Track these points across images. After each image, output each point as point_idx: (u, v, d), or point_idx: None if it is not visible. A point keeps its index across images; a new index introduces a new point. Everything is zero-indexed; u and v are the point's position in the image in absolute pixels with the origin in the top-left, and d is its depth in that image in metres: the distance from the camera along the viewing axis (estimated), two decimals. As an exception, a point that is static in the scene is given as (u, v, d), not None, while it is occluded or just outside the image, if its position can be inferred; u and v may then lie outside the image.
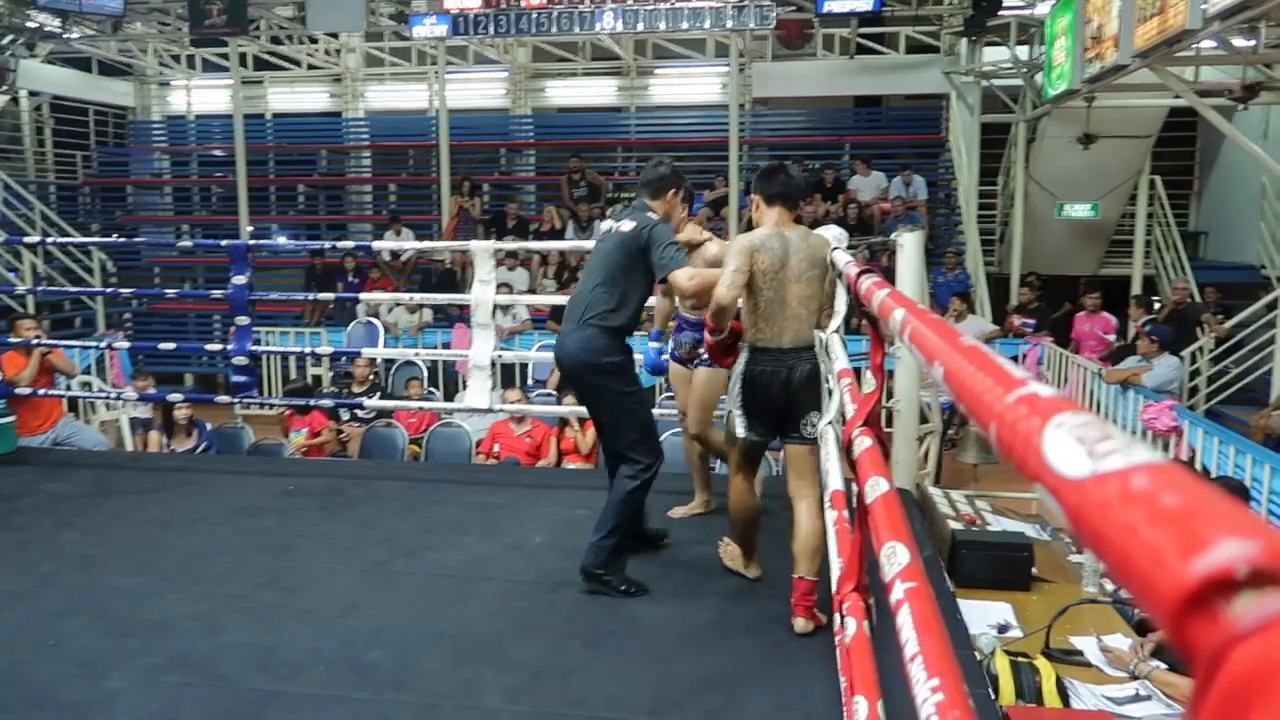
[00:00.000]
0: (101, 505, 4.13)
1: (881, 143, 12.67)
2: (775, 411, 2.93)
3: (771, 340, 2.89)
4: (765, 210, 2.99)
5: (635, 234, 3.13)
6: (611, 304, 3.12)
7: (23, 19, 10.61)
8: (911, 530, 1.26)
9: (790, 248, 2.90)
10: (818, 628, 2.81)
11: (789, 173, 3.04)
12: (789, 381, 2.89)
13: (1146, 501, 0.38)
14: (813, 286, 2.92)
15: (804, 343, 2.92)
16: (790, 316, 2.89)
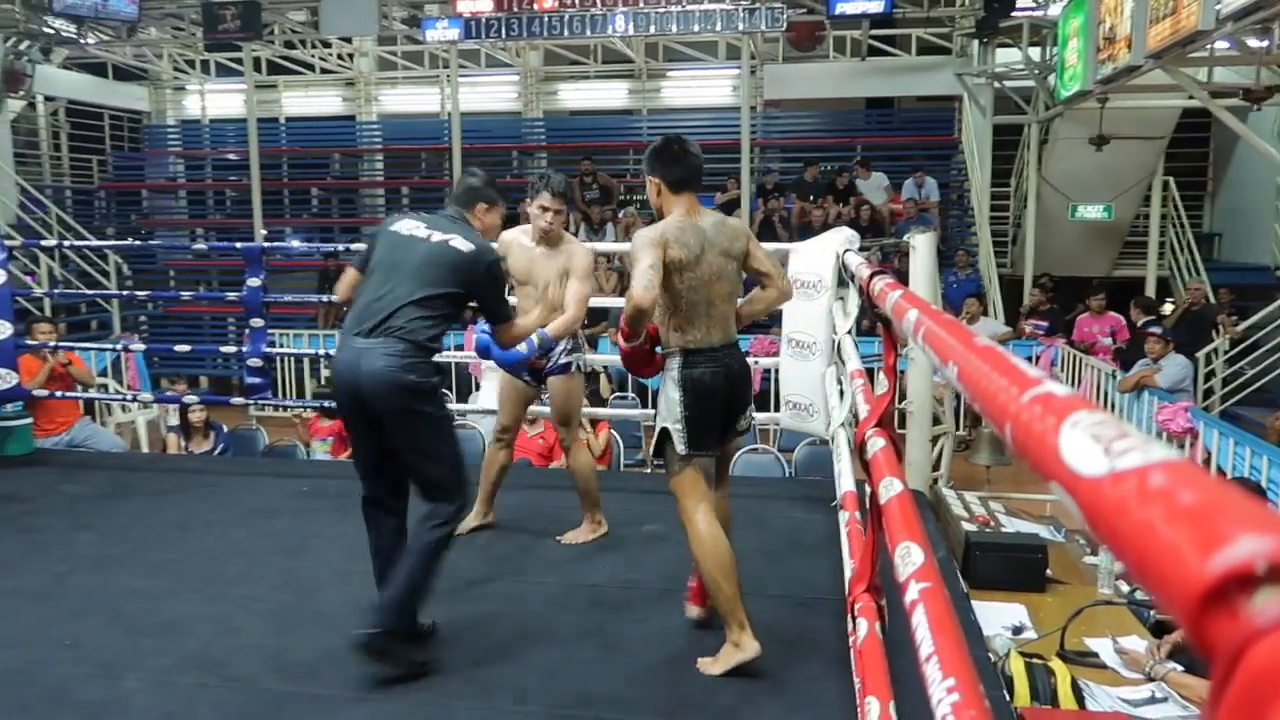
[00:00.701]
0: (118, 506, 4.16)
1: (893, 144, 12.65)
2: (720, 414, 2.68)
3: (703, 341, 2.64)
4: (672, 198, 2.67)
5: (472, 260, 2.72)
6: (432, 315, 2.66)
7: (39, 25, 10.70)
8: (925, 531, 1.26)
9: (705, 241, 2.62)
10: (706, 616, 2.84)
11: (690, 149, 2.71)
12: (730, 379, 2.67)
13: (1164, 499, 0.38)
14: (733, 282, 2.69)
15: (731, 339, 2.71)
16: (717, 316, 2.65)
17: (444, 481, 2.67)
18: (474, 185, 2.94)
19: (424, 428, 2.64)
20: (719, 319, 2.66)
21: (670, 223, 2.64)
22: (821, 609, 3.00)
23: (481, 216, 2.91)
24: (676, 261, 2.58)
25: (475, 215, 2.89)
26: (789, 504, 4.18)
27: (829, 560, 3.35)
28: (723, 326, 2.68)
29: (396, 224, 2.81)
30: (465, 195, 2.91)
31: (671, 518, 3.82)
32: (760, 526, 3.87)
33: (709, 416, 2.65)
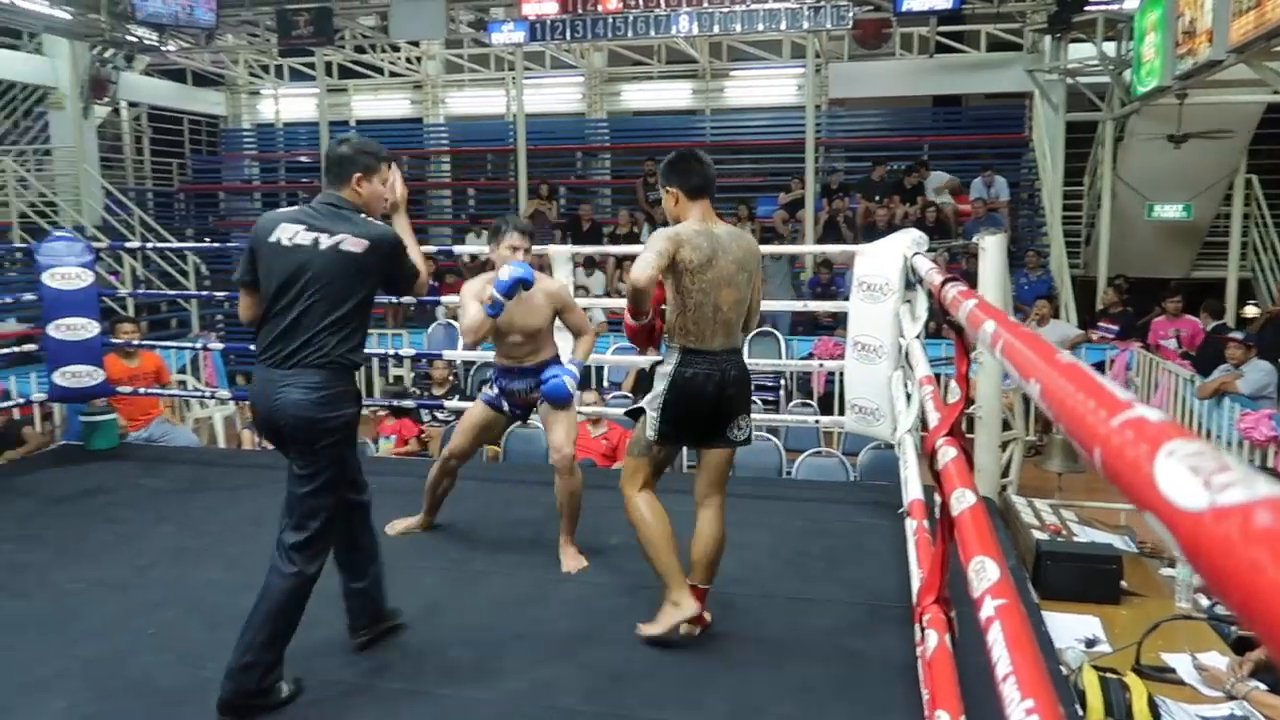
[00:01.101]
0: (196, 500, 4.30)
1: (961, 143, 12.43)
2: (703, 416, 2.77)
3: (703, 344, 2.74)
4: (689, 204, 2.75)
5: (372, 259, 2.50)
6: (346, 330, 2.50)
7: (123, 33, 11.09)
8: (1000, 545, 1.25)
9: (719, 247, 2.71)
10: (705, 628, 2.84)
11: (702, 160, 2.80)
12: (722, 385, 2.75)
13: (1272, 540, 0.37)
14: (742, 291, 2.76)
15: (734, 346, 2.80)
16: (720, 321, 2.73)
17: (322, 526, 2.50)
18: (345, 155, 2.60)
19: (324, 463, 2.49)
20: (723, 325, 2.74)
21: (686, 226, 2.73)
22: (886, 616, 2.96)
23: (359, 188, 2.59)
24: (688, 262, 2.67)
25: (353, 189, 2.58)
26: (853, 508, 4.14)
27: (894, 567, 3.31)
28: (726, 332, 2.76)
29: (274, 232, 2.51)
30: (338, 169, 2.59)
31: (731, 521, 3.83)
32: (824, 531, 3.85)
33: (688, 414, 2.75)
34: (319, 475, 2.48)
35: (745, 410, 2.84)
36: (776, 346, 8.92)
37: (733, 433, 2.83)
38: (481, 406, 3.69)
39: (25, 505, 4.26)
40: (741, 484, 4.93)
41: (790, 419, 5.93)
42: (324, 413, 2.45)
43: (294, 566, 2.46)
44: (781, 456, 5.50)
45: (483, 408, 3.69)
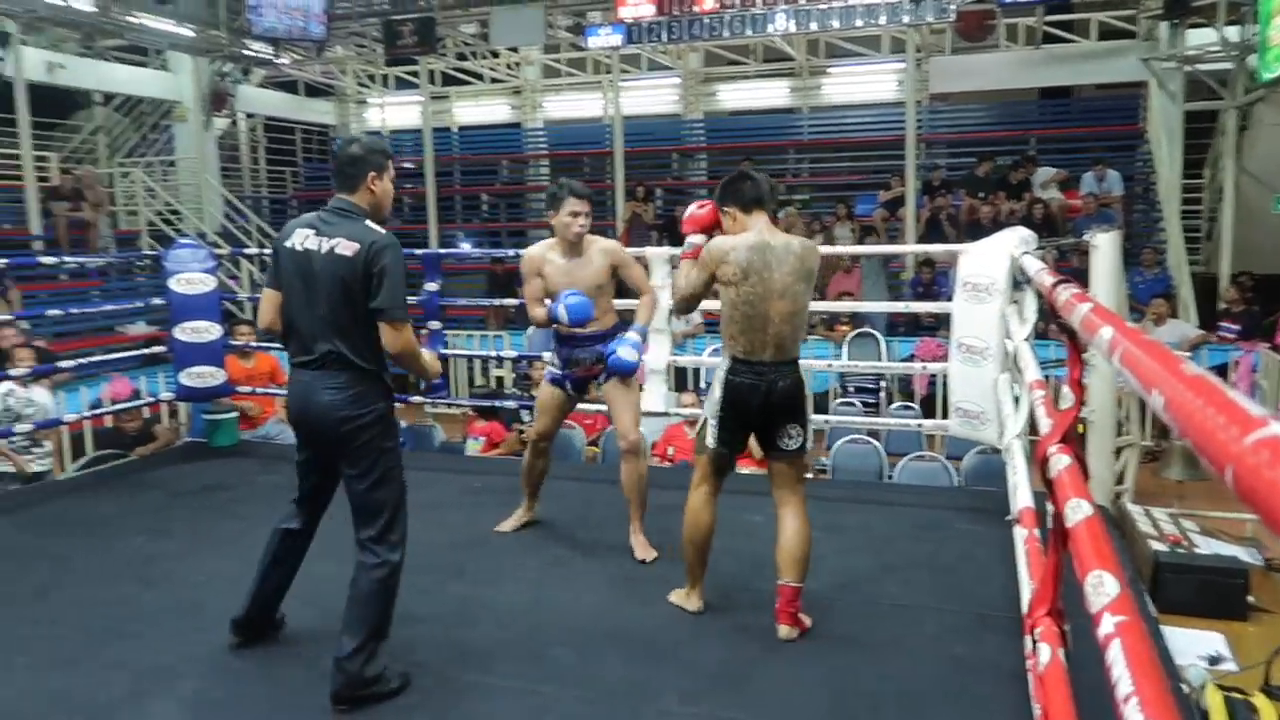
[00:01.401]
0: (310, 497, 4.47)
1: (1070, 136, 11.98)
2: (751, 424, 2.87)
3: (752, 354, 2.80)
4: (745, 219, 2.84)
5: (362, 261, 2.47)
6: (360, 330, 2.52)
7: (241, 48, 11.63)
8: (1119, 559, 1.21)
9: (773, 258, 2.76)
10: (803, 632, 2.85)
11: (752, 176, 2.89)
12: (768, 394, 2.80)
13: None
14: (798, 301, 2.79)
15: (786, 357, 2.83)
16: (772, 334, 2.78)
17: (390, 521, 2.59)
18: (357, 155, 2.61)
19: (365, 457, 2.56)
20: (774, 336, 2.78)
21: (732, 239, 2.82)
22: (994, 626, 2.89)
23: (374, 187, 2.61)
24: (728, 277, 2.77)
25: (367, 189, 2.60)
26: (958, 514, 4.05)
27: (1001, 576, 3.22)
28: (777, 344, 2.79)
29: (290, 237, 2.59)
30: (351, 170, 2.59)
31: (832, 525, 3.78)
32: (927, 537, 3.77)
33: (739, 422, 2.86)
34: (369, 472, 2.57)
35: (795, 420, 2.86)
36: (876, 348, 8.77)
37: (783, 442, 2.87)
38: (548, 386, 3.75)
39: (155, 499, 4.52)
40: (840, 487, 4.88)
41: (891, 422, 5.83)
42: (355, 410, 2.53)
43: (376, 558, 2.57)
44: (882, 460, 5.41)
45: (549, 387, 3.74)
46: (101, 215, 11.10)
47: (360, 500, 2.60)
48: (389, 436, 2.62)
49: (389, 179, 2.67)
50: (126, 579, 3.45)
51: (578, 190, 3.50)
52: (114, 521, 4.16)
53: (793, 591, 2.82)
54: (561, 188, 3.50)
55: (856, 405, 7.56)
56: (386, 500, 2.59)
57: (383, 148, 2.71)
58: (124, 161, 13.13)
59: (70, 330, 9.82)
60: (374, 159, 2.63)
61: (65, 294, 10.48)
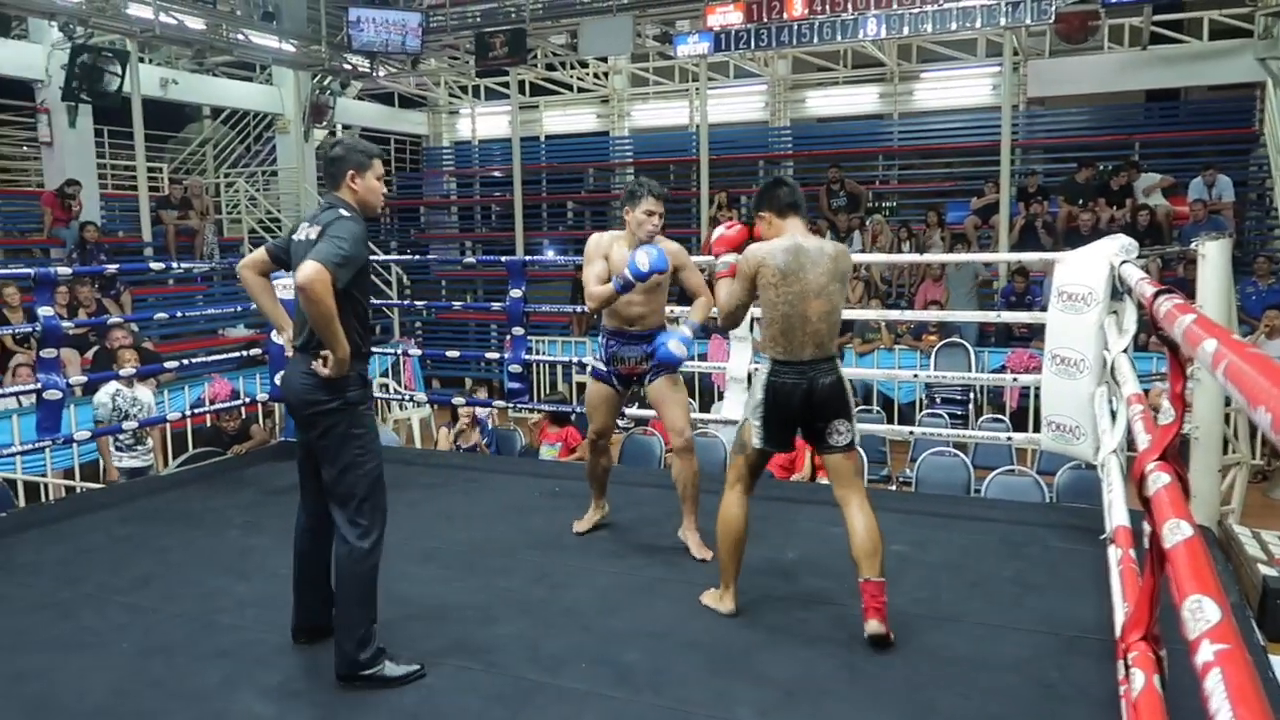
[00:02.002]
0: (395, 497, 4.52)
1: (1178, 140, 11.48)
2: (795, 422, 2.94)
3: (792, 355, 2.88)
4: (781, 223, 2.95)
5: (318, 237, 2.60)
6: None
7: (340, 62, 12.02)
8: (1220, 583, 1.14)
9: (808, 260, 2.86)
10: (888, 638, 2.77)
11: (787, 182, 3.02)
12: (810, 393, 2.87)
13: None
14: (833, 301, 2.89)
15: (825, 354, 2.91)
16: (810, 332, 2.87)
17: (360, 503, 2.65)
18: (336, 156, 2.74)
19: (331, 443, 2.65)
20: (812, 335, 2.87)
21: (768, 243, 2.92)
22: (1085, 649, 2.77)
23: (354, 185, 2.72)
24: (769, 277, 2.85)
25: (349, 188, 2.72)
26: (1049, 531, 3.90)
27: (1093, 597, 3.09)
28: (815, 342, 2.88)
29: (297, 230, 2.79)
30: (332, 170, 2.74)
31: (916, 540, 3.69)
32: (1017, 554, 3.65)
33: (783, 421, 2.93)
34: (336, 459, 2.65)
35: (842, 414, 2.91)
36: (966, 358, 8.54)
37: (832, 438, 2.92)
38: (594, 383, 3.79)
39: (250, 495, 4.68)
40: (926, 500, 4.76)
41: (980, 435, 5.66)
42: (322, 395, 2.63)
43: (345, 544, 2.66)
44: (970, 473, 5.26)
45: (595, 384, 3.79)
46: (207, 223, 11.61)
47: (329, 486, 2.69)
48: (357, 425, 2.69)
49: (373, 176, 2.75)
50: (222, 571, 3.57)
51: (655, 190, 3.56)
52: (211, 516, 4.33)
53: (876, 586, 2.79)
54: (641, 185, 3.57)
55: (943, 417, 7.37)
56: (353, 487, 2.66)
57: (363, 148, 2.79)
58: (229, 172, 13.71)
59: (175, 333, 10.29)
60: (353, 158, 2.73)
61: (172, 298, 11.00)
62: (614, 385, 3.76)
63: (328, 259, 2.51)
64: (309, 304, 2.52)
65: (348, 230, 2.60)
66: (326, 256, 2.52)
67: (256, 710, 2.55)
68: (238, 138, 14.26)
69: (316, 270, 2.48)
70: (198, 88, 12.62)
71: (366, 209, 2.77)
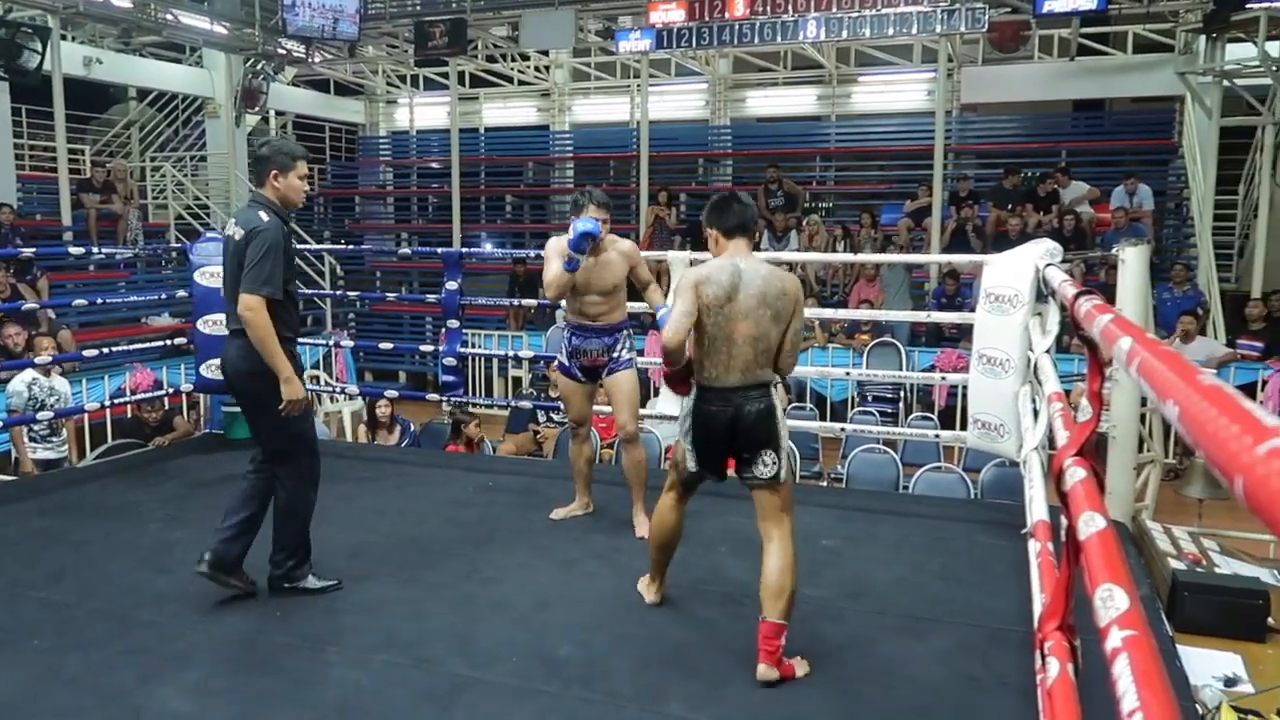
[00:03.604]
0: (326, 491, 4.46)
1: (1102, 149, 11.85)
2: (721, 451, 2.78)
3: (717, 379, 2.73)
4: (725, 243, 2.83)
5: (242, 243, 2.99)
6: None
7: (274, 46, 11.74)
8: (1130, 573, 1.18)
9: (741, 281, 2.73)
10: (786, 678, 2.60)
11: (743, 201, 2.90)
12: (736, 421, 2.72)
13: None
14: (762, 326, 2.71)
15: (754, 381, 2.73)
16: (737, 356, 2.71)
17: (290, 452, 3.11)
18: (261, 156, 3.10)
19: (263, 404, 3.05)
20: (740, 360, 2.72)
21: (713, 263, 2.81)
22: (1007, 641, 2.85)
23: (276, 183, 3.07)
24: (706, 299, 2.72)
25: (270, 184, 3.07)
26: (973, 527, 4.00)
27: (1015, 590, 3.18)
28: (742, 367, 2.72)
29: (227, 226, 3.15)
30: (257, 168, 3.12)
31: (845, 535, 3.75)
32: (941, 549, 3.73)
33: (711, 448, 2.80)
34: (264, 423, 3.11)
35: (769, 445, 2.73)
36: (897, 358, 8.71)
37: (757, 469, 2.73)
38: (561, 376, 4.00)
39: (172, 488, 4.55)
40: (856, 496, 4.84)
41: (909, 432, 5.77)
42: (249, 366, 3.03)
43: (282, 489, 3.14)
44: (899, 470, 5.36)
45: (562, 377, 3.99)
46: (131, 208, 11.23)
47: (265, 446, 3.16)
48: (275, 396, 3.02)
49: (295, 176, 3.09)
50: (140, 566, 3.47)
51: (599, 199, 3.78)
52: (131, 509, 4.20)
53: (772, 629, 2.61)
54: (585, 195, 3.78)
55: (874, 415, 7.50)
56: (281, 446, 3.11)
57: (288, 149, 3.11)
58: (155, 156, 13.29)
59: (96, 320, 9.95)
60: (276, 158, 3.06)
61: (92, 284, 10.63)
62: (579, 378, 3.92)
63: (258, 288, 2.95)
64: (250, 328, 2.97)
65: (265, 245, 2.96)
66: (256, 285, 2.95)
67: (174, 707, 2.48)
68: (165, 121, 13.82)
69: (252, 304, 2.94)
70: (123, 68, 12.21)
71: (287, 204, 3.14)
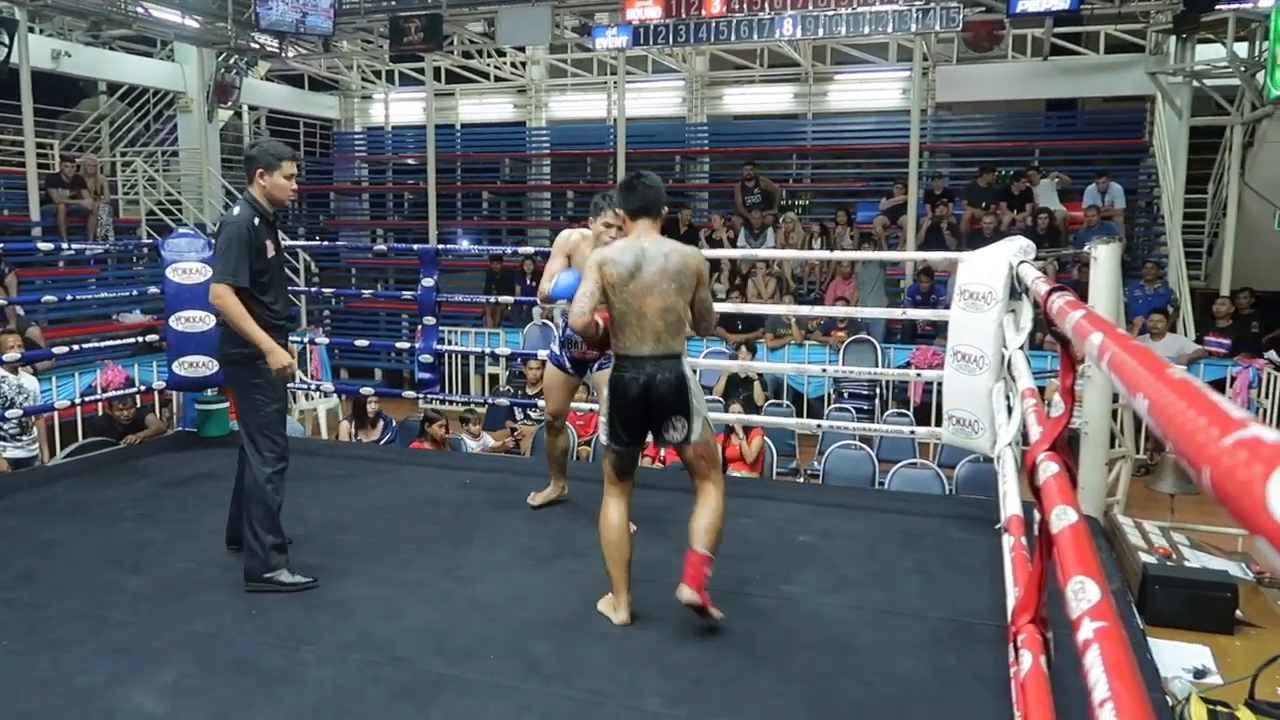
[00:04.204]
0: (300, 489, 4.43)
1: (1075, 148, 11.98)
2: (638, 418, 2.95)
3: (631, 349, 2.93)
4: (631, 224, 3.03)
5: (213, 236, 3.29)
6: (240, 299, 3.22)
7: (247, 41, 11.62)
8: (1102, 566, 1.19)
9: (644, 259, 2.92)
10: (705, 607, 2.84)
11: (649, 183, 3.03)
12: (649, 388, 2.90)
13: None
14: (668, 299, 2.91)
15: (666, 351, 2.93)
16: (648, 328, 2.91)
17: (255, 436, 3.25)
18: (250, 156, 3.35)
19: (237, 389, 3.33)
20: (650, 331, 2.92)
21: (616, 244, 3.04)
22: (980, 635, 2.88)
23: (262, 181, 3.28)
24: (610, 279, 2.92)
25: (257, 183, 3.29)
26: (947, 522, 4.03)
27: (989, 584, 3.21)
28: (654, 338, 2.92)
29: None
30: (246, 168, 3.35)
31: (821, 530, 3.77)
32: (916, 544, 3.76)
33: (626, 416, 2.95)
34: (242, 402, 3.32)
35: (679, 412, 2.93)
36: (873, 354, 8.76)
37: (668, 434, 2.95)
38: (550, 367, 4.06)
39: (144, 487, 4.50)
40: (832, 492, 4.87)
41: (885, 428, 5.81)
42: (228, 349, 3.29)
43: (251, 469, 3.26)
44: (875, 466, 5.40)
45: (551, 368, 4.06)
46: (101, 203, 11.09)
47: (239, 424, 3.37)
48: (255, 376, 3.25)
49: (280, 175, 3.29)
50: (112, 565, 3.43)
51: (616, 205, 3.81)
52: (102, 508, 4.14)
53: (700, 558, 2.86)
54: (605, 199, 3.82)
55: (850, 411, 7.55)
56: (252, 425, 3.27)
57: (274, 150, 3.32)
58: (126, 151, 13.12)
59: (66, 317, 9.82)
60: (263, 159, 3.28)
61: (62, 281, 10.49)
62: (568, 369, 3.98)
63: (222, 278, 3.18)
64: (223, 314, 3.23)
65: (226, 239, 3.18)
66: (220, 276, 3.19)
67: (148, 708, 2.46)
68: (136, 115, 13.65)
69: (216, 290, 3.19)
70: (93, 61, 12.04)
71: (274, 202, 3.33)
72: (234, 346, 3.25)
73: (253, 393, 3.26)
